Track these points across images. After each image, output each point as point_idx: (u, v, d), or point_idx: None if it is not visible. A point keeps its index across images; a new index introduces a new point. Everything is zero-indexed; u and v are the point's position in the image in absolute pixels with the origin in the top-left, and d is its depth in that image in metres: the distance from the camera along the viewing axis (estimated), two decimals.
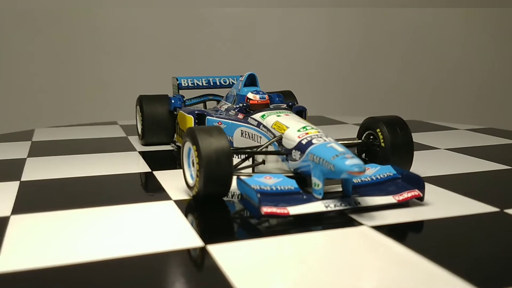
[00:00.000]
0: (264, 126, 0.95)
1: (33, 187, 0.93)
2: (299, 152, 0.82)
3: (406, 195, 0.79)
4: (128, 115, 1.76)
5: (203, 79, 1.37)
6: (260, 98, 1.04)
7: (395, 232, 0.70)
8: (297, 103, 1.25)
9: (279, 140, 0.89)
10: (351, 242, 0.67)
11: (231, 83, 1.40)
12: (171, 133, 1.29)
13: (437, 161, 1.12)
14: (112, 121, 1.76)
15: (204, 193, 0.80)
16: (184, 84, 1.35)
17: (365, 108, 2.20)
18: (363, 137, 0.96)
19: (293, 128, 0.87)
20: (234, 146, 1.04)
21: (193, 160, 0.84)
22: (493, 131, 1.50)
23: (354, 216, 0.75)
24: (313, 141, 0.80)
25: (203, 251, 0.64)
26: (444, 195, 0.85)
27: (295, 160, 0.84)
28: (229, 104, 1.14)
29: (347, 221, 0.74)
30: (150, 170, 1.05)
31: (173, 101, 1.26)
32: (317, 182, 0.77)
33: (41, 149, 1.26)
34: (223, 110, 1.14)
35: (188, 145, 0.85)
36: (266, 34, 2.39)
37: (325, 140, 0.80)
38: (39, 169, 1.06)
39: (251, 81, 1.11)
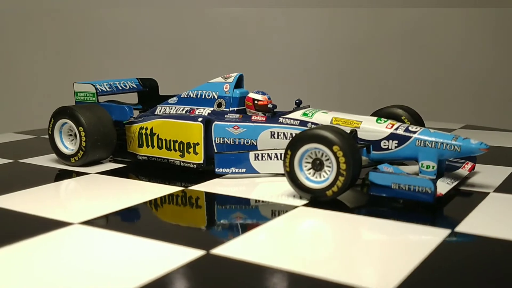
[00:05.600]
0: (314, 123, 0.96)
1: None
2: (395, 141, 0.89)
3: (467, 166, 0.96)
4: None
5: (105, 84, 1.21)
6: (268, 97, 1.03)
7: None
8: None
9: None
10: None
11: (131, 87, 1.26)
12: (113, 147, 1.11)
13: None
14: None
15: (343, 191, 0.80)
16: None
17: (364, 107, 2.07)
18: None
19: (369, 121, 0.93)
20: (259, 148, 1.00)
21: (316, 162, 0.83)
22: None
23: (463, 188, 0.89)
24: (410, 129, 0.89)
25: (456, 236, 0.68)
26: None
27: (387, 149, 0.90)
28: (212, 108, 1.07)
29: (467, 193, 0.87)
30: (182, 188, 0.92)
31: (127, 109, 1.09)
32: (431, 164, 0.87)
33: None
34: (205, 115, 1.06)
35: (308, 147, 0.82)
36: (265, 34, 2.22)
37: (420, 128, 0.90)
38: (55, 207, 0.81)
39: (237, 82, 1.08)
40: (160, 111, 1.14)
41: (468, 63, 2.21)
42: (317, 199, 0.83)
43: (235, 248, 0.65)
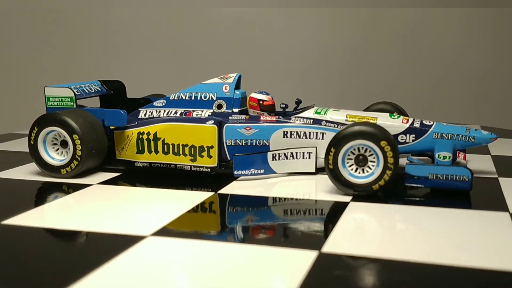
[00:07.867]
0: (329, 121, 0.98)
1: None
2: (413, 135, 0.94)
3: (461, 156, 1.05)
4: None
5: (73, 87, 1.12)
6: (271, 97, 1.03)
7: None
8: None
9: None
10: None
11: (96, 90, 1.18)
12: (105, 155, 1.03)
13: None
14: None
15: (389, 185, 0.84)
16: None
17: (364, 108, 2.01)
18: None
19: (383, 117, 0.97)
20: (272, 148, 1.00)
21: (359, 158, 0.85)
22: None
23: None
24: (425, 122, 0.95)
25: None
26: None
27: (404, 143, 0.95)
28: (211, 110, 1.04)
29: (478, 179, 0.95)
30: (212, 192, 0.89)
31: (122, 113, 1.01)
32: (447, 155, 0.93)
33: None
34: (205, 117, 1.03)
35: (352, 144, 0.84)
36: (265, 34, 2.19)
37: (433, 122, 0.96)
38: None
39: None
40: (145, 115, 1.08)
41: (468, 63, 2.20)
42: (362, 194, 0.85)
43: (343, 245, 0.66)
